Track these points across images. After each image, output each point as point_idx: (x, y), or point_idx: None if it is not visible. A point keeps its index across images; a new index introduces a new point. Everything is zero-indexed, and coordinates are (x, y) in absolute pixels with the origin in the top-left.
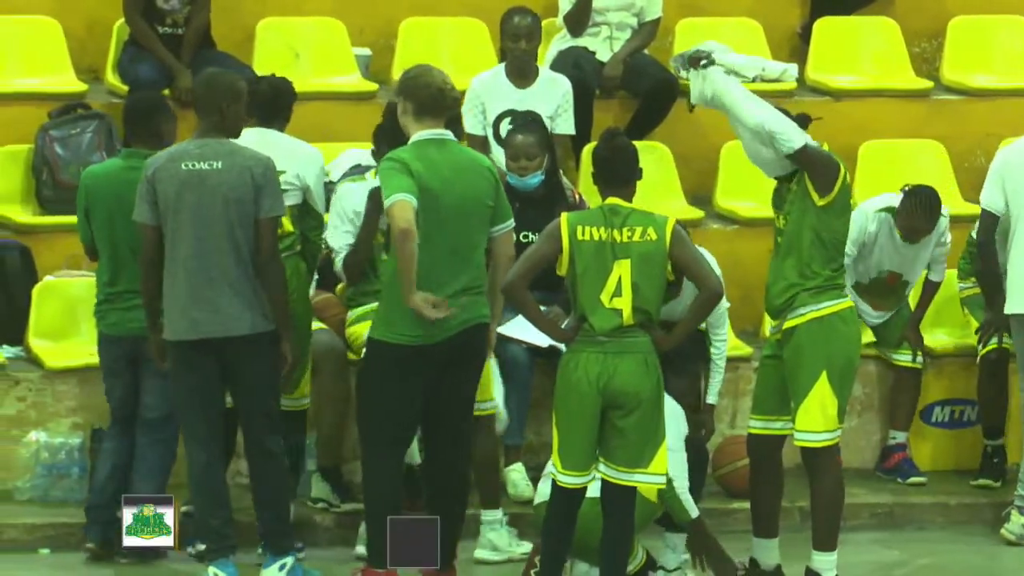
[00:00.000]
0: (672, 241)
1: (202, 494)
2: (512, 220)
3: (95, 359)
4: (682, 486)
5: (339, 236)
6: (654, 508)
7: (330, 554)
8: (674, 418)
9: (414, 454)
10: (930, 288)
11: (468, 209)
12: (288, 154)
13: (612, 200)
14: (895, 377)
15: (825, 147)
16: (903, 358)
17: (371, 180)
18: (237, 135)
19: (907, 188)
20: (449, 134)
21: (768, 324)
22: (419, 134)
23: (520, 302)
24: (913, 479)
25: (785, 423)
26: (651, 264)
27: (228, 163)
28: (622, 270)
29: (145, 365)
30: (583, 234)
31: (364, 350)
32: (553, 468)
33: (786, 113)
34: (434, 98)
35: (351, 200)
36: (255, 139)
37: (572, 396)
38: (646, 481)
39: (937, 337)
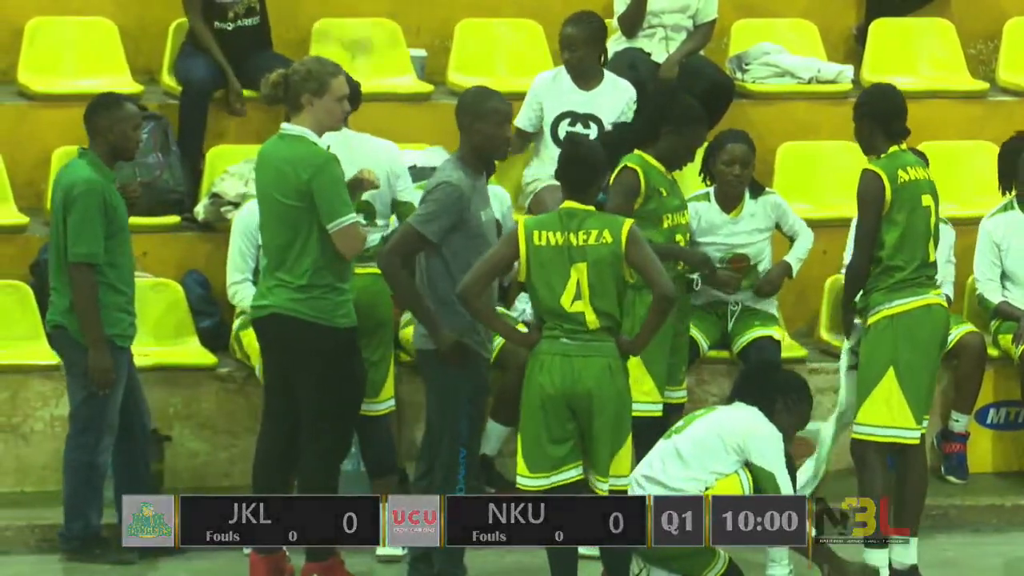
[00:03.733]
0: (627, 243)
1: None
2: (343, 219)
3: (150, 360)
4: None
5: None
6: None
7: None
8: (774, 440)
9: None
10: None
11: (266, 204)
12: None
13: (569, 203)
14: (956, 361)
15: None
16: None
17: None
18: (485, 156)
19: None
20: (294, 129)
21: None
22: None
23: (474, 309)
24: (950, 478)
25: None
26: (607, 267)
27: None
28: (580, 273)
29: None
30: (540, 239)
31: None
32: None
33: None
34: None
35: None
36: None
37: (535, 399)
38: (614, 485)
39: (986, 338)
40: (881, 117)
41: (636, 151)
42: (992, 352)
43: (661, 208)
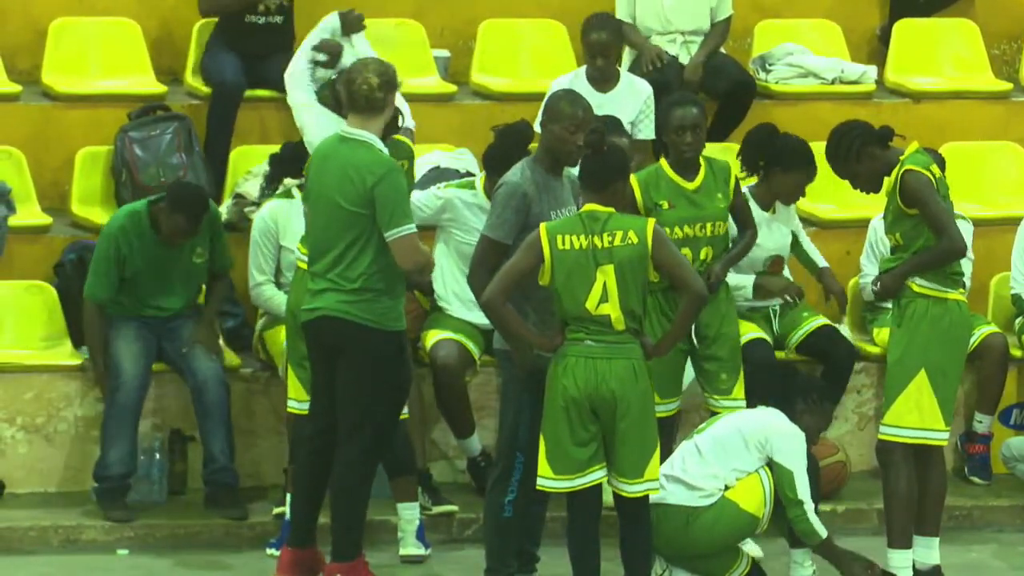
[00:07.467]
0: (654, 243)
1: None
2: (402, 228)
3: None
4: (811, 508)
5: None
6: (753, 521)
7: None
8: (797, 439)
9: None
10: None
11: (323, 206)
12: None
13: (590, 206)
14: (980, 362)
15: (910, 159)
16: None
17: (480, 191)
18: (555, 157)
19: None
20: (360, 134)
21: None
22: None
23: (499, 316)
24: (974, 479)
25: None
26: (634, 267)
27: None
28: (606, 276)
29: None
30: (563, 243)
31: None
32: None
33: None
34: (352, 96)
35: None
36: None
37: (559, 401)
38: (645, 490)
39: (1010, 338)
40: (868, 134)
41: (661, 159)
42: (1015, 352)
43: (660, 222)
